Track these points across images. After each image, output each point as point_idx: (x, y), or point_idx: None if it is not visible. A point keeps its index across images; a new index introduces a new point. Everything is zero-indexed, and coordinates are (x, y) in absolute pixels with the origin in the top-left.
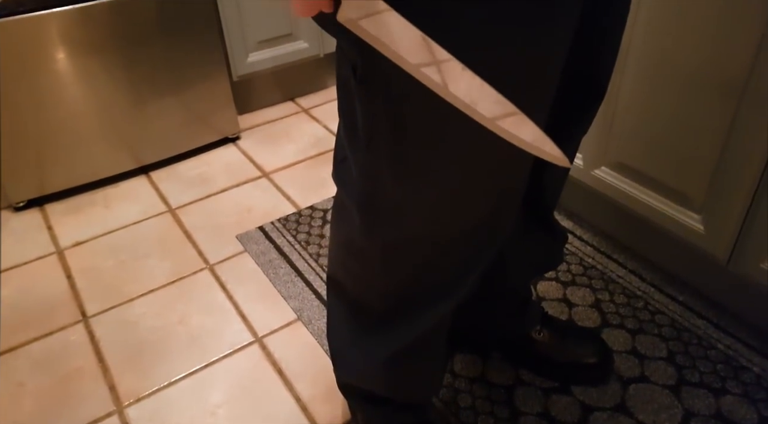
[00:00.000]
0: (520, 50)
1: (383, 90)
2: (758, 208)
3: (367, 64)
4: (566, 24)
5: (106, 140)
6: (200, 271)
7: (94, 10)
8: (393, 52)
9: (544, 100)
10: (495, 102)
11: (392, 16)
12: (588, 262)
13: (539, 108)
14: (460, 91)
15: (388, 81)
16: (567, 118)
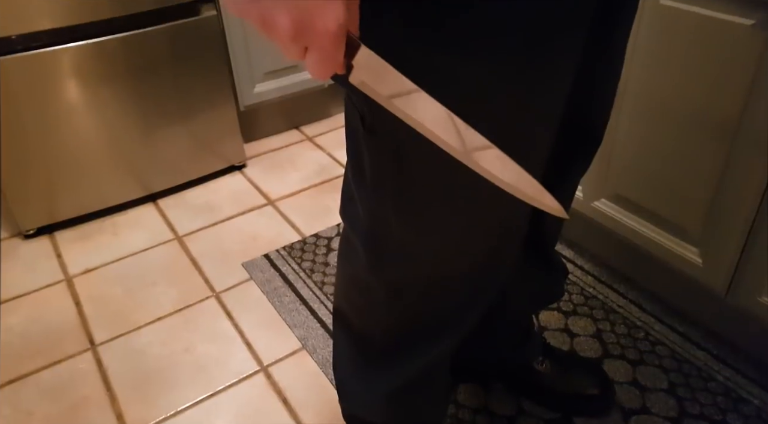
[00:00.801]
0: (517, 105)
1: (390, 140)
2: (754, 243)
3: (375, 115)
4: (563, 77)
5: (116, 168)
6: (206, 299)
7: (108, 45)
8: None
9: (542, 151)
10: (496, 157)
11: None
12: (589, 292)
13: (537, 158)
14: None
15: (394, 132)
16: (564, 163)
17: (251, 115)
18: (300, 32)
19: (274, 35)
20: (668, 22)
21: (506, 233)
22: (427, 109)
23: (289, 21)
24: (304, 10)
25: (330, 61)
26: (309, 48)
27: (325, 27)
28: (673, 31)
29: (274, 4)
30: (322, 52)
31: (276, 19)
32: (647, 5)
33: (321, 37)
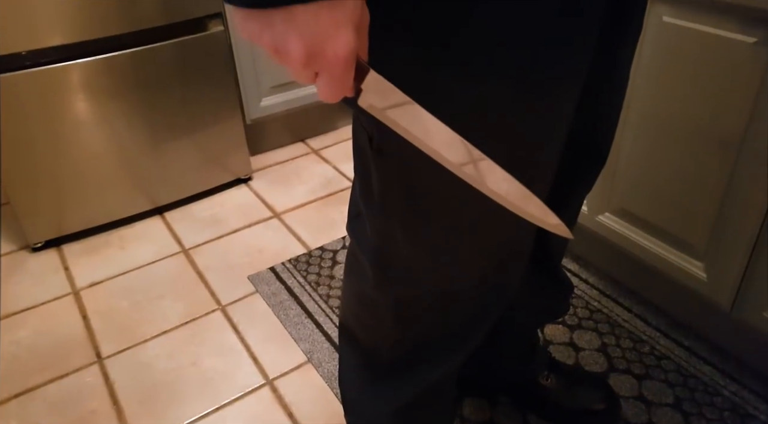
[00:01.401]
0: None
1: (397, 160)
2: (759, 258)
3: (383, 136)
4: (569, 98)
5: (123, 182)
6: (212, 312)
7: (117, 60)
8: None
9: (547, 170)
10: (502, 179)
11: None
12: (594, 305)
13: (543, 178)
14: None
15: (402, 152)
16: (569, 181)
17: (257, 128)
18: (311, 58)
19: (286, 61)
20: (672, 39)
21: (512, 251)
22: (435, 131)
23: (301, 48)
24: (315, 36)
25: (340, 85)
26: (319, 73)
27: (336, 53)
28: (677, 48)
29: (286, 31)
30: (333, 77)
31: (288, 45)
32: (651, 22)
33: (331, 63)
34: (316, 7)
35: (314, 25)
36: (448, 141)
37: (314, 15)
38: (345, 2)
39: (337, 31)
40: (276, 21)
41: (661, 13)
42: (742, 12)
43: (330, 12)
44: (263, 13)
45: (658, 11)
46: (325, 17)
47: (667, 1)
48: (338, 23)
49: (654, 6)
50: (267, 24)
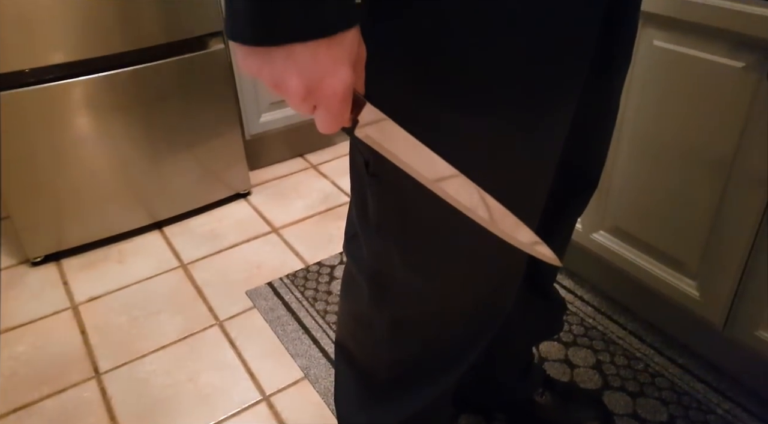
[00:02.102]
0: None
1: (393, 185)
2: (750, 278)
3: (379, 162)
4: (561, 128)
5: (123, 197)
6: (210, 327)
7: (118, 78)
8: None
9: (539, 198)
10: (494, 208)
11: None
12: (589, 322)
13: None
14: (461, 197)
15: (397, 178)
16: (561, 206)
17: (257, 144)
18: (310, 93)
19: (286, 95)
20: (662, 62)
21: (506, 274)
22: (428, 162)
23: (300, 83)
24: (313, 73)
25: (337, 118)
26: (317, 106)
27: (333, 89)
28: (668, 71)
29: (286, 67)
30: (330, 111)
31: (287, 81)
32: (642, 46)
33: (329, 98)
34: (314, 45)
35: (312, 62)
36: (441, 171)
37: (313, 53)
38: (342, 40)
39: (335, 67)
40: (276, 58)
41: (651, 37)
42: (730, 37)
43: (328, 50)
44: (264, 50)
45: (649, 35)
46: (323, 55)
47: (657, 26)
48: (336, 60)
49: (645, 30)
50: (267, 61)
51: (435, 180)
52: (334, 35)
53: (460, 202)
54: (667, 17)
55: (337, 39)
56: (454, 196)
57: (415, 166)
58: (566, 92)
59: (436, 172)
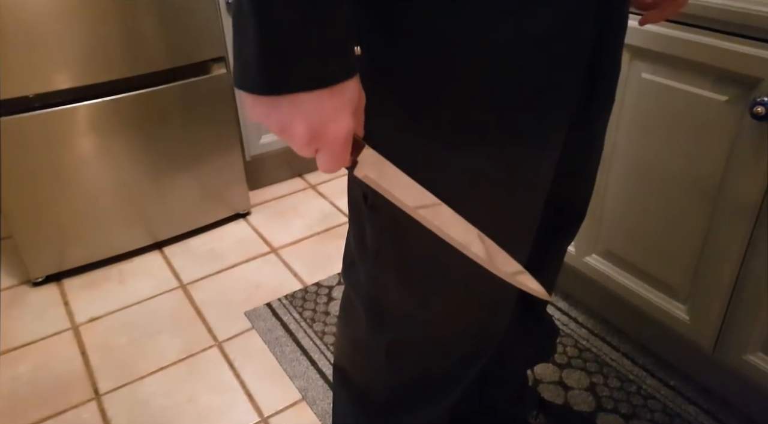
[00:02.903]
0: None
1: (390, 218)
2: (738, 303)
3: (377, 195)
4: (548, 164)
5: (125, 217)
6: (209, 348)
7: (122, 102)
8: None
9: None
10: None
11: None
12: (583, 344)
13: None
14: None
15: (394, 211)
16: (550, 236)
17: (256, 164)
18: (313, 139)
19: (290, 140)
20: (650, 94)
21: (499, 301)
22: (422, 200)
23: (304, 129)
24: (317, 120)
25: (338, 161)
26: (320, 150)
27: (335, 135)
28: (655, 103)
29: (291, 115)
30: (332, 154)
31: (293, 127)
32: (631, 78)
33: (331, 143)
34: (318, 94)
35: (316, 110)
36: (435, 208)
37: (316, 101)
38: (344, 89)
39: (337, 115)
40: (282, 106)
41: (640, 69)
42: (714, 72)
43: (330, 98)
44: (271, 98)
45: (637, 68)
46: (326, 103)
47: (645, 60)
48: (338, 108)
49: (634, 63)
50: (274, 108)
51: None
52: (336, 85)
53: (454, 239)
54: (654, 52)
55: (339, 88)
56: (447, 232)
57: (409, 203)
58: (552, 132)
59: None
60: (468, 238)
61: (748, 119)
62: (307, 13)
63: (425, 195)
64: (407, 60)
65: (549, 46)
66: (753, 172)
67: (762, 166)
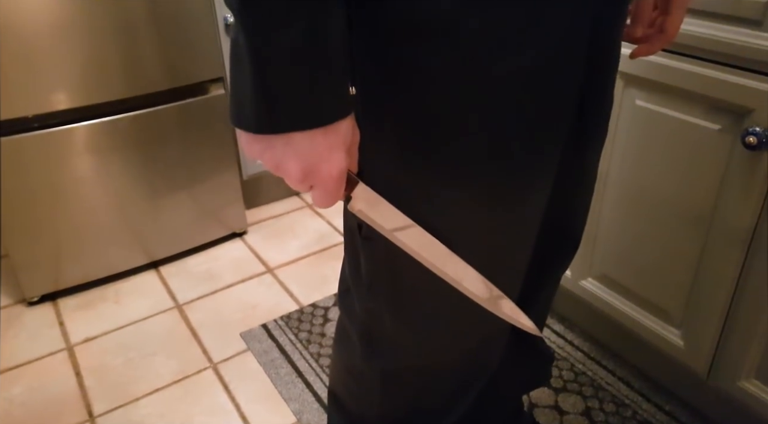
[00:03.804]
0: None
1: (384, 248)
2: (732, 329)
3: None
4: (541, 197)
5: (121, 237)
6: (205, 370)
7: (120, 123)
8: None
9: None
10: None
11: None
12: (578, 368)
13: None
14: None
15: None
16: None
17: (253, 183)
18: (307, 177)
19: (285, 177)
20: (644, 121)
21: (493, 330)
22: (415, 235)
23: (299, 168)
24: (311, 159)
25: (332, 197)
26: (314, 186)
27: (329, 173)
28: (649, 130)
29: (285, 153)
30: (326, 191)
31: (287, 165)
32: (625, 104)
33: (325, 181)
34: (312, 133)
35: (310, 149)
36: (427, 244)
37: (310, 140)
38: (338, 128)
39: (331, 153)
40: (277, 144)
41: (633, 96)
42: (707, 101)
43: (324, 137)
44: (265, 137)
45: (631, 95)
46: (320, 142)
47: (639, 87)
48: (331, 147)
49: (628, 90)
50: (269, 146)
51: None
52: (330, 124)
53: (447, 274)
54: (647, 79)
55: (332, 127)
56: (440, 267)
57: (403, 239)
58: (544, 166)
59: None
60: (460, 273)
61: (741, 148)
62: (302, 55)
63: (418, 231)
64: (400, 98)
65: (540, 83)
66: (745, 200)
67: (754, 194)
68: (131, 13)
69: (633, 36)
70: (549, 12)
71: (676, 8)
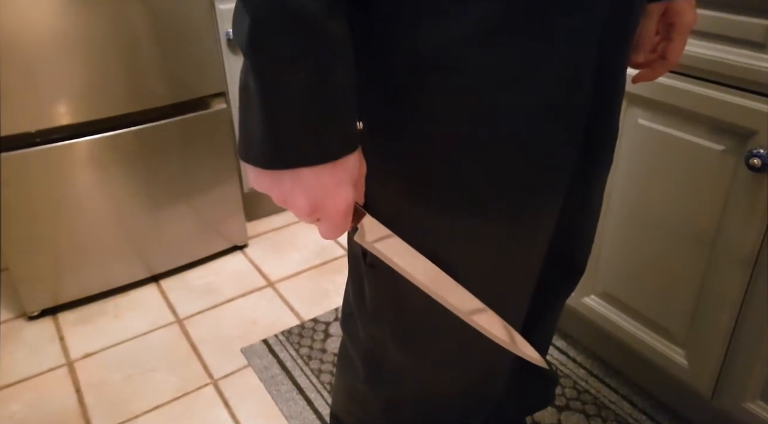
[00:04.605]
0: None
1: (388, 277)
2: (736, 350)
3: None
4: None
5: (122, 250)
6: (205, 386)
7: (122, 138)
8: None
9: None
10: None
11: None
12: (582, 385)
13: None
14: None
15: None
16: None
17: (254, 196)
18: (314, 211)
19: (292, 211)
20: (647, 140)
21: (497, 358)
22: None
23: (306, 202)
24: (318, 193)
25: (339, 230)
26: (321, 219)
27: (336, 207)
28: (652, 149)
29: (293, 188)
30: (333, 224)
31: (295, 200)
32: (627, 123)
33: (332, 215)
34: (319, 169)
35: (317, 184)
36: (432, 275)
37: (317, 176)
38: (345, 163)
39: (338, 188)
40: (285, 179)
41: (636, 115)
42: (710, 122)
43: (331, 173)
44: (273, 172)
45: (633, 113)
46: (327, 177)
47: (642, 106)
48: (339, 182)
49: (630, 109)
50: (277, 181)
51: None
52: (337, 160)
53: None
54: (651, 99)
55: (340, 162)
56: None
57: (409, 270)
58: (551, 196)
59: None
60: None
61: (744, 169)
62: (310, 96)
63: (424, 262)
64: (406, 131)
65: (546, 117)
66: (749, 221)
67: (758, 215)
68: (134, 29)
69: (635, 61)
70: (556, 47)
71: (678, 35)
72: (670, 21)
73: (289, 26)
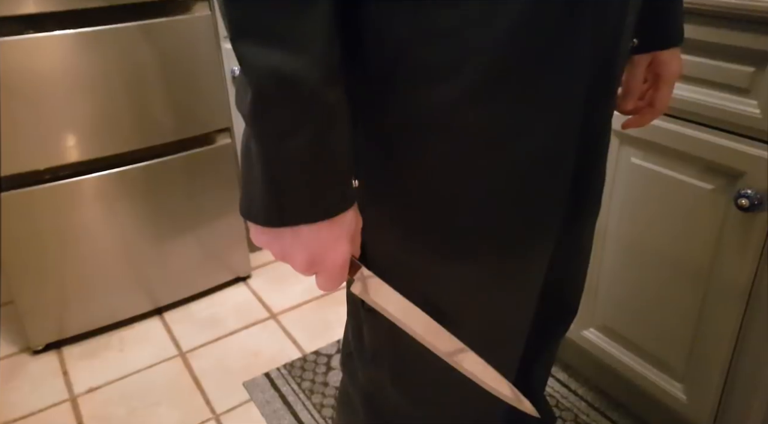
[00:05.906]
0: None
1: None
2: (734, 386)
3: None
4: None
5: (127, 284)
6: (207, 421)
7: (128, 174)
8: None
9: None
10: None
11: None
12: (582, 419)
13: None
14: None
15: None
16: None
17: None
18: (312, 265)
19: (292, 266)
20: (639, 178)
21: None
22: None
23: (305, 257)
24: (316, 249)
25: (336, 282)
26: (318, 273)
27: (334, 262)
28: (644, 187)
29: (292, 245)
30: (330, 278)
31: (293, 255)
32: (621, 162)
33: (330, 269)
34: (318, 226)
35: (316, 240)
36: (427, 326)
37: (316, 232)
38: (342, 219)
39: (336, 244)
40: (285, 236)
41: (629, 154)
42: (700, 162)
43: (330, 229)
44: (274, 230)
45: (627, 152)
46: (325, 234)
47: (634, 145)
48: (336, 237)
49: (624, 148)
50: (277, 238)
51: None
52: (335, 216)
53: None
54: (642, 139)
55: (337, 219)
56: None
57: (404, 321)
58: (542, 243)
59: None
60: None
61: (734, 209)
62: (309, 160)
63: (419, 314)
64: (401, 186)
65: (535, 170)
66: (741, 258)
67: (750, 252)
68: (142, 68)
69: (624, 108)
70: (543, 106)
71: (664, 85)
72: (656, 71)
73: (290, 97)
